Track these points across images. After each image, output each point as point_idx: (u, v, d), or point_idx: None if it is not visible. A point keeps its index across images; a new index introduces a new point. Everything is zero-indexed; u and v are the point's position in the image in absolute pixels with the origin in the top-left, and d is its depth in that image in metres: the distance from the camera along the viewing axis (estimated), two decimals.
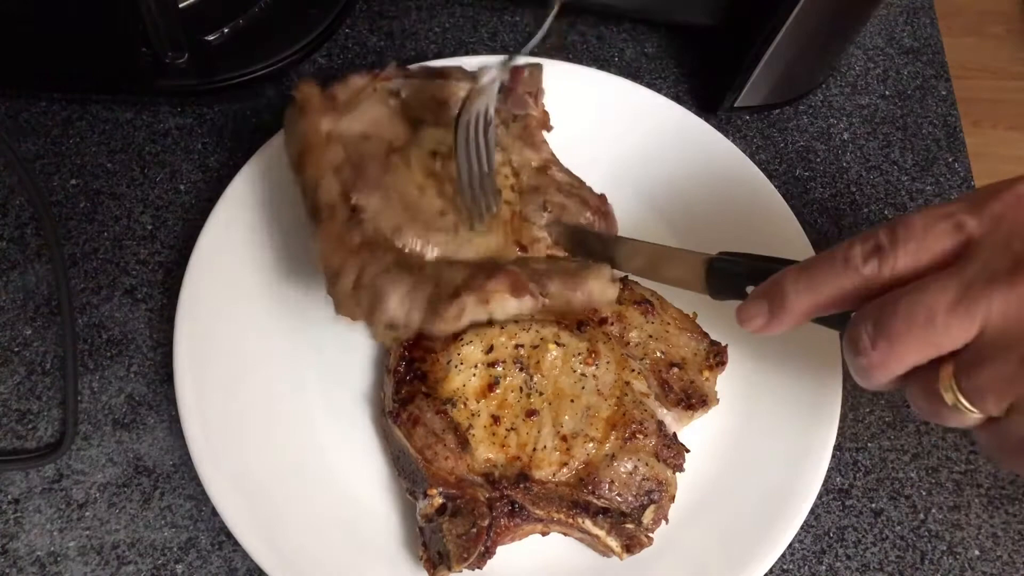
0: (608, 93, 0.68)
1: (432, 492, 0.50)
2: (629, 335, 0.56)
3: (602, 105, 0.68)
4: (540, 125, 0.62)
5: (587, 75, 0.68)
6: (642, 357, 0.56)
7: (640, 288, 0.58)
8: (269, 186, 0.62)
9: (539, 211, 0.57)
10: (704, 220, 0.65)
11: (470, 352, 0.53)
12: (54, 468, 0.57)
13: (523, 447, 0.52)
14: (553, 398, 0.53)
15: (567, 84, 0.67)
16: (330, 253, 0.51)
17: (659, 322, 0.57)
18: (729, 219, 0.64)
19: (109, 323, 0.61)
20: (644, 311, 0.57)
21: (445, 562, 0.49)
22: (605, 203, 0.59)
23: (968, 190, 0.72)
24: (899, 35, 0.79)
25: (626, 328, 0.57)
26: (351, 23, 0.74)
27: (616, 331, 0.56)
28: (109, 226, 0.64)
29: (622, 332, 0.56)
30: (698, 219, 0.65)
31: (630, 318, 0.57)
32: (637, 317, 0.57)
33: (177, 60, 0.66)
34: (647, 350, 0.56)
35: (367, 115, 0.57)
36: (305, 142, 0.55)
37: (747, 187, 0.65)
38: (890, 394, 0.64)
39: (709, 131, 0.67)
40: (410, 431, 0.52)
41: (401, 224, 0.53)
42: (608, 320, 0.56)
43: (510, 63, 0.53)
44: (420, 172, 0.55)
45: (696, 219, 0.65)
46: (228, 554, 0.55)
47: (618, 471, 0.52)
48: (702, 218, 0.65)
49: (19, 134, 0.67)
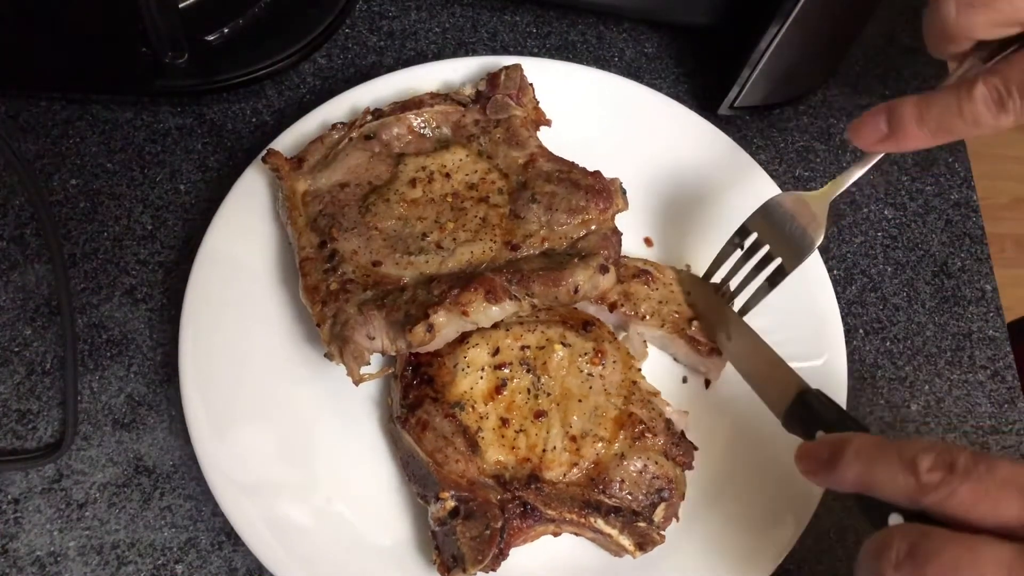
0: (610, 93, 0.68)
1: (444, 495, 0.50)
2: (641, 308, 0.58)
3: (603, 105, 0.68)
4: (526, 122, 0.62)
5: (588, 75, 0.68)
6: (661, 324, 0.58)
7: (630, 260, 0.60)
8: (273, 186, 0.62)
9: (528, 205, 0.57)
10: (705, 217, 0.65)
11: (476, 355, 0.54)
12: (54, 468, 0.57)
13: (533, 448, 0.52)
14: (561, 399, 0.53)
15: (568, 84, 0.67)
16: (311, 304, 0.55)
17: (662, 286, 0.59)
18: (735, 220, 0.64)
19: (109, 323, 0.61)
20: (645, 281, 0.59)
21: (460, 565, 0.49)
22: (600, 179, 0.59)
23: (968, 190, 0.72)
24: (899, 35, 0.79)
25: (636, 304, 0.58)
26: (351, 23, 0.74)
27: (630, 311, 0.58)
28: (109, 226, 0.64)
29: (634, 309, 0.58)
30: (699, 216, 0.65)
31: (635, 292, 0.59)
32: (641, 289, 0.59)
33: (177, 60, 0.66)
34: (662, 315, 0.58)
35: (345, 164, 0.60)
36: (286, 206, 0.59)
37: (749, 185, 0.65)
38: (890, 394, 0.64)
39: (712, 130, 0.67)
40: (419, 436, 0.52)
41: (381, 257, 0.56)
42: (618, 303, 0.58)
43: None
44: (400, 204, 0.58)
45: (696, 216, 0.65)
46: (228, 554, 0.55)
47: (628, 470, 0.52)
48: (703, 215, 0.65)
49: (19, 134, 0.66)
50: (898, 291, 0.68)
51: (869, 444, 0.41)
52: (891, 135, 0.47)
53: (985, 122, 0.44)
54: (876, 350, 0.65)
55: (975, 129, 0.45)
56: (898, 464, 0.39)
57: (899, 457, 0.39)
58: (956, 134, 0.46)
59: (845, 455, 0.41)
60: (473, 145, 0.61)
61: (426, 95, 0.63)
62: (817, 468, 0.43)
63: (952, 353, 0.66)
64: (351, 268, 0.55)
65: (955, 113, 0.45)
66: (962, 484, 0.37)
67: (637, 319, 0.58)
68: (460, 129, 0.62)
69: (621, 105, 0.68)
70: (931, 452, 0.38)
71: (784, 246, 0.55)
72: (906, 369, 0.65)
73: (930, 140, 0.47)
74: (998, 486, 0.36)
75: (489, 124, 0.62)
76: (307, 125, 0.64)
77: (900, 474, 0.39)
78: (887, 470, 0.39)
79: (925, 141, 0.47)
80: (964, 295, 0.68)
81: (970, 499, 0.37)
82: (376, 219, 0.57)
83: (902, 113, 0.47)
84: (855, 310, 0.67)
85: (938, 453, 0.38)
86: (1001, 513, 0.36)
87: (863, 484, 0.41)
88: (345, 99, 0.65)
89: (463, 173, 0.59)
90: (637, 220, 0.62)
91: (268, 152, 0.60)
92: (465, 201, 0.58)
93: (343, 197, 0.59)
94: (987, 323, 0.67)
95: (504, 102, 0.62)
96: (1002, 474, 0.37)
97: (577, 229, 0.57)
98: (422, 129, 0.62)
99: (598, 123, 0.67)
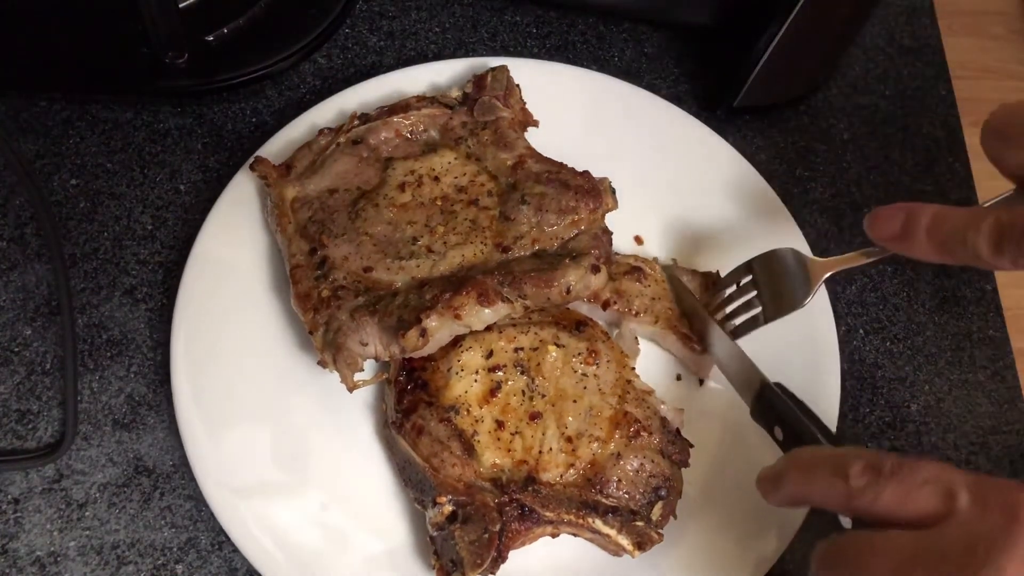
0: (597, 91, 0.68)
1: (441, 500, 0.50)
2: (634, 306, 0.59)
3: (590, 104, 0.68)
4: (513, 124, 0.62)
5: (584, 77, 0.68)
6: (655, 320, 0.59)
7: (622, 257, 0.60)
8: (263, 191, 0.62)
9: (518, 206, 0.57)
10: (700, 220, 0.65)
11: (470, 358, 0.54)
12: (54, 468, 0.57)
13: (529, 450, 0.52)
14: (556, 400, 0.53)
15: (562, 85, 0.67)
16: (303, 312, 0.55)
17: (654, 282, 0.60)
18: (726, 218, 0.65)
19: (109, 323, 0.61)
20: (637, 278, 0.59)
21: (459, 569, 0.49)
22: (589, 179, 0.59)
23: (968, 190, 0.72)
24: (899, 35, 0.79)
25: (628, 301, 0.59)
26: (351, 23, 0.74)
27: (622, 308, 0.58)
28: (109, 226, 0.64)
29: (628, 306, 0.59)
30: (687, 212, 0.65)
31: (627, 289, 0.59)
32: (634, 286, 0.59)
33: (177, 60, 0.66)
34: (655, 312, 0.59)
35: (333, 170, 0.60)
36: (275, 213, 0.59)
37: (744, 186, 0.65)
38: (890, 394, 0.64)
39: (706, 131, 0.67)
40: (415, 440, 0.52)
41: (372, 263, 0.56)
42: (610, 300, 0.58)
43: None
44: (389, 209, 0.58)
45: (685, 213, 0.65)
46: (228, 554, 0.55)
47: (625, 469, 0.52)
48: (691, 212, 0.65)
49: (19, 134, 0.66)
50: (898, 291, 0.68)
51: (806, 457, 0.44)
52: (902, 237, 0.46)
53: (984, 258, 0.43)
54: (876, 350, 0.65)
55: (974, 261, 0.44)
56: (831, 474, 0.41)
57: (832, 467, 0.41)
58: (957, 259, 0.44)
59: (786, 474, 0.44)
60: (461, 148, 0.61)
61: (413, 98, 0.63)
62: (766, 489, 0.45)
63: (952, 353, 0.66)
64: (342, 274, 0.55)
65: (960, 239, 0.44)
66: (887, 486, 0.39)
67: (631, 316, 0.59)
68: (448, 132, 0.62)
69: (608, 104, 0.68)
70: (860, 459, 0.41)
71: (770, 297, 0.56)
72: (906, 369, 0.65)
73: (934, 256, 0.45)
74: (919, 484, 0.39)
75: (477, 126, 0.62)
76: (295, 130, 0.64)
77: (833, 483, 0.41)
78: (822, 481, 0.42)
79: (930, 255, 0.45)
80: (964, 295, 0.68)
81: (895, 500, 0.39)
82: (366, 224, 0.57)
83: (917, 219, 0.46)
84: (855, 310, 0.67)
85: (867, 459, 0.40)
86: (920, 507, 0.39)
87: (803, 497, 0.43)
88: (332, 103, 0.65)
89: (452, 176, 0.59)
90: (627, 218, 0.62)
91: (256, 159, 0.60)
92: (455, 204, 0.58)
93: (332, 203, 0.59)
94: (987, 323, 0.67)
95: (491, 104, 0.62)
96: (923, 474, 0.39)
97: (567, 229, 0.57)
98: (410, 133, 0.62)
99: (586, 123, 0.67)
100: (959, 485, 0.38)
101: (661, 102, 0.67)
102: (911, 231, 0.46)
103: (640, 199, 0.63)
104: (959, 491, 0.38)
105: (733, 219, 0.64)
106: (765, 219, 0.64)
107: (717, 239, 0.64)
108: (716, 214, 0.65)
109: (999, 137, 0.44)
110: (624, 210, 0.60)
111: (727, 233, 0.64)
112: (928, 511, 0.39)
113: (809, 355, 0.60)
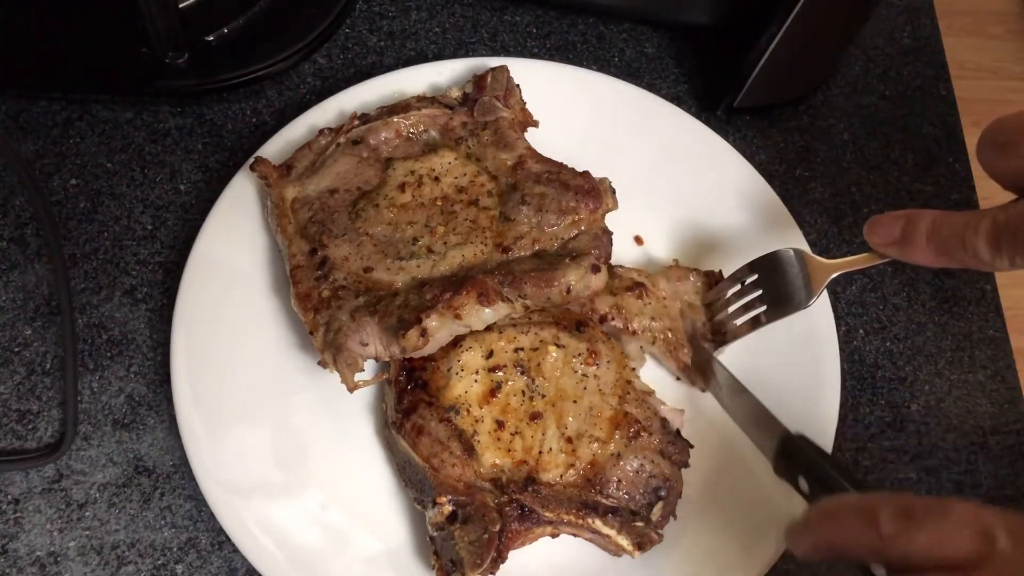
0: (597, 92, 0.68)
1: (441, 500, 0.50)
2: (632, 324, 0.58)
3: (590, 104, 0.68)
4: (513, 124, 0.62)
5: (584, 77, 0.68)
6: (652, 341, 0.58)
7: (625, 271, 0.59)
8: (263, 190, 0.62)
9: (518, 207, 0.57)
10: (700, 220, 0.65)
11: (470, 358, 0.54)
12: (54, 468, 0.57)
13: (529, 450, 0.52)
14: (556, 400, 0.53)
15: (562, 85, 0.67)
16: (303, 312, 0.55)
17: (655, 300, 0.59)
18: (726, 218, 0.65)
19: (109, 323, 0.61)
20: (639, 295, 0.58)
21: (459, 569, 0.49)
22: (589, 179, 0.59)
23: (968, 190, 0.72)
24: (899, 35, 0.79)
25: (627, 318, 0.58)
26: (351, 23, 0.74)
27: (620, 324, 0.57)
28: (109, 226, 0.64)
29: (625, 323, 0.57)
30: (688, 212, 0.65)
31: (627, 305, 0.58)
32: (634, 303, 0.58)
33: (177, 60, 0.66)
34: (654, 332, 0.58)
35: (334, 170, 0.60)
36: (276, 213, 0.59)
37: (744, 186, 0.65)
38: (890, 394, 0.64)
39: (706, 131, 0.67)
40: (415, 441, 0.52)
41: (372, 263, 0.56)
42: (608, 316, 0.57)
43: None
44: (390, 209, 0.58)
45: (685, 212, 0.65)
46: (228, 554, 0.55)
47: (624, 470, 0.52)
48: (692, 211, 0.65)
49: (19, 134, 0.66)
50: (898, 291, 0.68)
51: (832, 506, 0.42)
52: (902, 243, 0.47)
53: (983, 259, 0.43)
54: (876, 350, 0.65)
55: (974, 263, 0.44)
56: (861, 521, 0.39)
57: (861, 514, 0.40)
58: (957, 261, 0.45)
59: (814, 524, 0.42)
60: (461, 148, 0.61)
61: (413, 98, 0.63)
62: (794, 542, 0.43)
63: (952, 353, 0.66)
64: (342, 275, 0.55)
65: (959, 242, 0.44)
66: (920, 531, 0.38)
67: (628, 334, 0.58)
68: (448, 132, 0.62)
69: (608, 104, 0.68)
70: (889, 504, 0.39)
71: (773, 297, 0.56)
72: (906, 369, 0.65)
73: (934, 260, 0.46)
74: (953, 527, 0.37)
75: (477, 126, 0.62)
76: (295, 131, 0.64)
77: (863, 531, 0.39)
78: (852, 529, 0.40)
79: (930, 259, 0.46)
80: (964, 295, 0.68)
81: (930, 544, 0.38)
82: (366, 225, 0.57)
83: (916, 224, 0.46)
84: (855, 310, 0.67)
85: (896, 504, 0.39)
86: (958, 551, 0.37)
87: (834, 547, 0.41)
88: (332, 104, 0.65)
89: (452, 176, 0.59)
90: (627, 219, 0.62)
91: (256, 160, 0.60)
92: (455, 204, 0.58)
93: (332, 203, 0.59)
94: (987, 323, 0.67)
95: (491, 104, 0.62)
96: (956, 515, 0.38)
97: (568, 230, 0.57)
98: (410, 133, 0.62)
99: (586, 123, 0.67)
100: (996, 526, 0.37)
101: (661, 102, 0.67)
102: (911, 236, 0.46)
103: (640, 199, 0.63)
104: (997, 532, 0.37)
105: (733, 219, 0.64)
106: (765, 219, 0.64)
107: (717, 239, 0.64)
108: (716, 214, 0.65)
109: (993, 148, 0.45)
110: (624, 210, 0.60)
111: (727, 233, 0.64)
112: (966, 555, 0.37)
113: (809, 355, 0.60)
